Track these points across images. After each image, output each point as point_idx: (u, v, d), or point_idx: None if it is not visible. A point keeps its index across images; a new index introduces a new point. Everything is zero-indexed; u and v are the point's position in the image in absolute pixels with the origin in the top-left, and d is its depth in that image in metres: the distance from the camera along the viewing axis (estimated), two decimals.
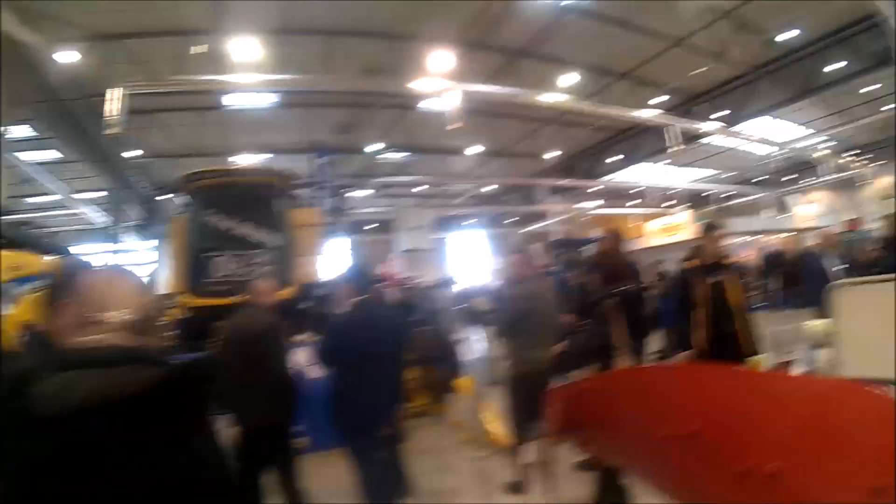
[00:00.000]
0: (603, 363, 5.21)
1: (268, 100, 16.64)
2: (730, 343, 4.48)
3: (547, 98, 14.75)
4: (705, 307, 4.56)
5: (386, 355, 3.91)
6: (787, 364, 5.04)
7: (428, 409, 7.51)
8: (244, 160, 19.40)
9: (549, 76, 16.43)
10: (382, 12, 13.04)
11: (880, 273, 5.68)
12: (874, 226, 25.41)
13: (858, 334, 4.45)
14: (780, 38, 16.00)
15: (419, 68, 13.60)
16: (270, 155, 20.14)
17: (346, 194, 22.80)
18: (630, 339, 5.22)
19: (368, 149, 20.82)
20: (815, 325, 4.88)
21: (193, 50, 12.67)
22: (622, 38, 15.10)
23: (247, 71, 12.69)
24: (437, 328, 9.25)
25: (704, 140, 21.59)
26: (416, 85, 12.95)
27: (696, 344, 4.54)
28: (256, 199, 8.46)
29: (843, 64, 16.54)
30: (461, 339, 10.91)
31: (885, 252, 6.58)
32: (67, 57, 11.60)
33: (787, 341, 5.08)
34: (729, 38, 15.22)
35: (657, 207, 29.56)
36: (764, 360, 4.67)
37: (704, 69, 17.40)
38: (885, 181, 30.99)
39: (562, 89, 16.62)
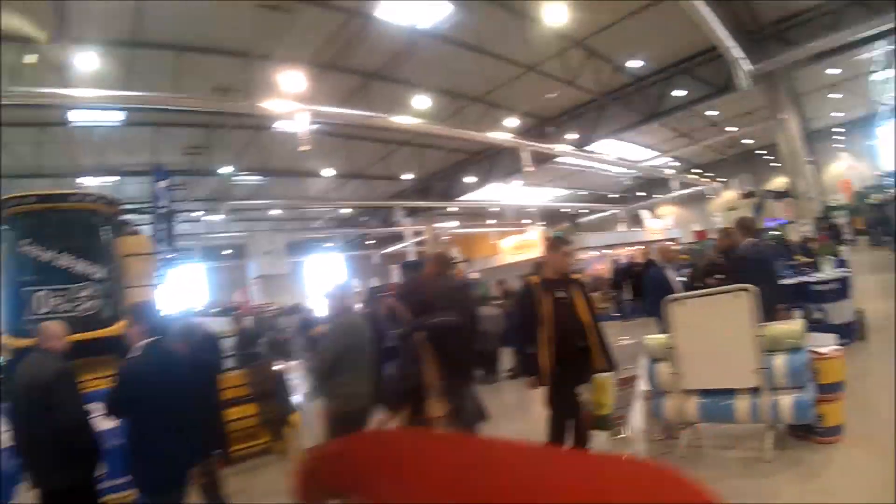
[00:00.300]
0: (413, 408, 4.62)
1: (115, 117, 15.20)
2: (581, 359, 4.32)
3: (401, 120, 14.80)
4: (551, 324, 4.29)
5: (183, 399, 3.49)
6: (630, 380, 5.10)
7: (270, 447, 7.06)
8: (89, 181, 17.68)
9: (402, 99, 16.33)
10: (235, 30, 12.27)
11: (719, 282, 5.99)
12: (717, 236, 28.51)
13: (692, 347, 4.52)
14: (628, 65, 16.96)
15: (272, 88, 13.02)
16: (117, 177, 18.60)
17: (199, 219, 21.51)
18: (448, 378, 4.86)
19: (221, 171, 19.79)
20: (655, 338, 4.92)
21: (27, 60, 11.16)
22: (476, 63, 15.27)
23: (92, 85, 11.48)
24: (270, 361, 8.77)
25: (561, 160, 22.77)
26: (268, 105, 12.42)
27: (542, 363, 4.26)
28: (79, 228, 7.58)
29: (684, 92, 17.98)
30: (298, 371, 10.45)
31: (722, 261, 6.96)
32: None
33: (629, 355, 5.16)
34: (580, 65, 15.91)
35: (514, 225, 30.56)
36: (609, 379, 4.63)
37: (556, 94, 18.10)
38: (728, 195, 34.83)
39: (416, 112, 16.57)
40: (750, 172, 32.82)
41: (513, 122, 19.78)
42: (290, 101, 12.71)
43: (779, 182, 26.55)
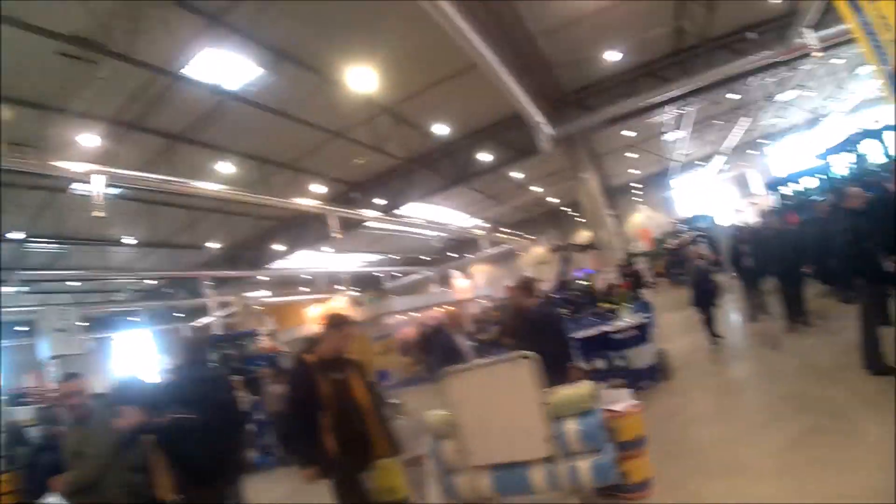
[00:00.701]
0: None
1: None
2: (361, 445, 3.88)
3: (206, 186, 13.78)
4: (329, 408, 3.83)
5: None
6: (418, 459, 4.60)
7: None
8: None
9: (207, 163, 15.32)
10: (30, 78, 10.60)
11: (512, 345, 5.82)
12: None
13: (475, 420, 4.15)
14: (435, 131, 17.15)
15: (70, 146, 11.63)
16: None
17: None
18: (184, 488, 3.96)
19: (11, 236, 16.80)
20: (436, 414, 4.40)
21: None
22: (284, 128, 14.79)
23: None
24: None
25: (370, 225, 22.69)
26: (64, 164, 10.82)
27: (322, 452, 3.75)
28: None
29: (489, 157, 18.59)
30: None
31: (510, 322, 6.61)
32: None
33: (415, 431, 4.67)
34: (388, 132, 16.01)
35: (326, 292, 29.86)
36: (394, 465, 4.08)
37: (363, 161, 18.02)
38: (536, 251, 37.05)
39: (221, 177, 15.64)
40: (556, 228, 35.41)
41: (321, 188, 19.31)
42: (87, 161, 11.22)
43: (583, 235, 28.76)
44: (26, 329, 24.61)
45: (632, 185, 35.22)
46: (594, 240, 20.16)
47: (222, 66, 11.57)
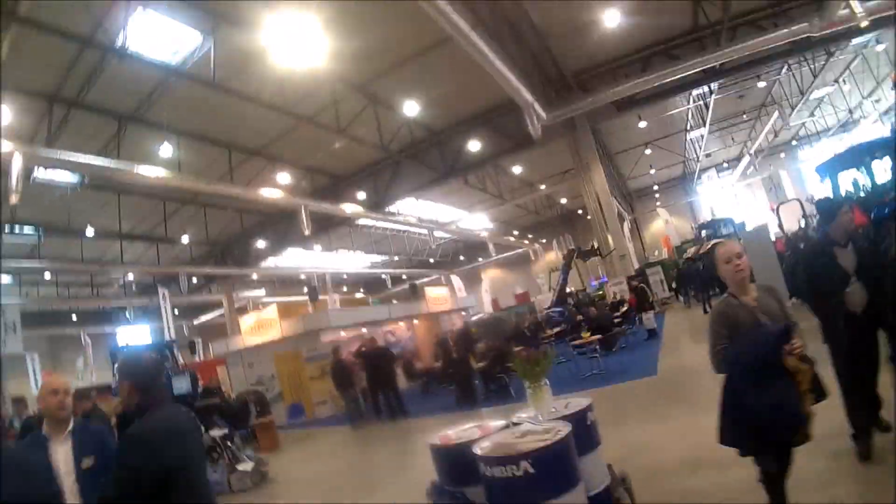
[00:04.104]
0: None
1: None
2: None
3: (154, 173, 12.06)
4: None
5: None
6: None
7: None
8: None
9: (156, 147, 13.14)
10: None
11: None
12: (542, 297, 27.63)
13: None
14: (416, 116, 15.14)
15: None
16: None
17: None
18: None
19: None
20: None
21: None
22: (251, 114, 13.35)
23: None
24: None
25: (365, 223, 20.98)
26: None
27: None
28: None
29: (480, 145, 16.57)
30: None
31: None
32: None
33: None
34: (363, 117, 14.29)
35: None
36: None
37: (342, 148, 15.92)
38: (549, 257, 35.06)
39: (171, 163, 13.41)
40: (572, 233, 33.25)
41: (292, 179, 17.37)
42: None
43: (596, 241, 26.68)
44: None
45: (652, 187, 33.04)
46: (605, 246, 18.05)
47: (160, 35, 10.10)
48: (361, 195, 18.29)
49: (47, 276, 21.43)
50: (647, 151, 25.00)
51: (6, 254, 16.91)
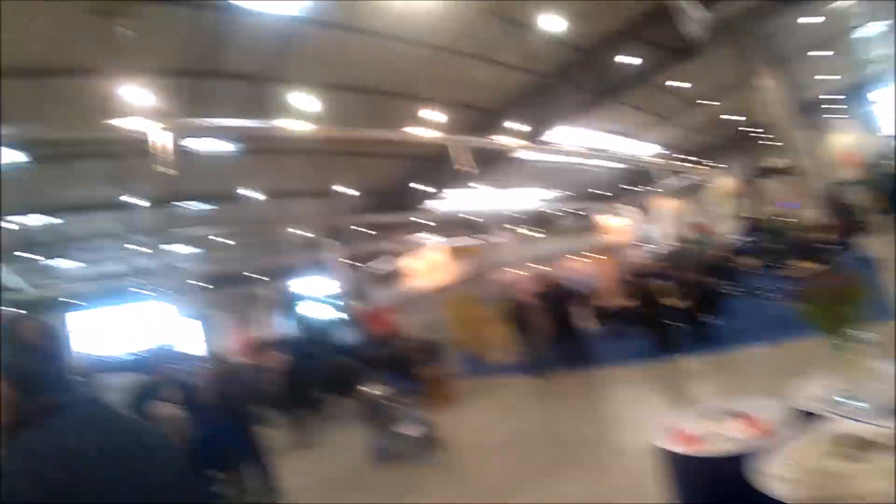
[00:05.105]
0: None
1: None
2: None
3: (300, 127, 12.34)
4: None
5: None
6: None
7: None
8: None
9: (293, 101, 13.41)
10: (68, 45, 9.80)
11: None
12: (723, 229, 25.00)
13: None
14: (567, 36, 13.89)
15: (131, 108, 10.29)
16: None
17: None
18: None
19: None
20: None
21: None
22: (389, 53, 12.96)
23: None
24: None
25: (521, 156, 20.08)
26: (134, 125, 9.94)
27: None
28: None
29: (636, 60, 14.93)
30: None
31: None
32: None
33: None
34: (503, 41, 13.46)
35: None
36: None
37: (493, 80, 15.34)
38: (724, 181, 31.61)
39: (312, 116, 13.34)
40: (744, 153, 29.87)
41: (441, 116, 16.52)
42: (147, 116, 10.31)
43: (775, 160, 23.06)
44: None
45: (825, 97, 27.36)
46: (788, 165, 15.56)
47: None
48: (516, 126, 17.29)
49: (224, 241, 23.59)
50: (818, 54, 20.94)
51: (184, 223, 18.58)
